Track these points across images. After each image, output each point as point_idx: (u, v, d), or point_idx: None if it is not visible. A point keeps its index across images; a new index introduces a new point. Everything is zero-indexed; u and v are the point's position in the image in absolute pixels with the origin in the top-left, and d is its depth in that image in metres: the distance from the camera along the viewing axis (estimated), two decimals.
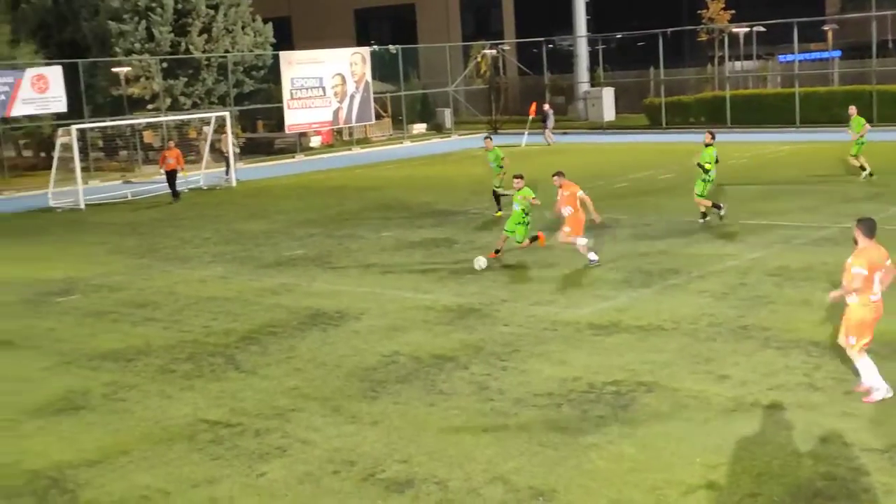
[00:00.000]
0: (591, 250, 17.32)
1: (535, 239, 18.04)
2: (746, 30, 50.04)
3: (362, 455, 9.44)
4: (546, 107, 45.81)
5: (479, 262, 17.58)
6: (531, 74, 55.93)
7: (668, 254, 18.07)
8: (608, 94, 51.53)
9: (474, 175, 32.92)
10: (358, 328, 14.22)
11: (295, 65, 43.52)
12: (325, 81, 44.25)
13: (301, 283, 17.42)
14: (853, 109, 26.89)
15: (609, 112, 51.18)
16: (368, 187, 31.43)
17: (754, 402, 10.28)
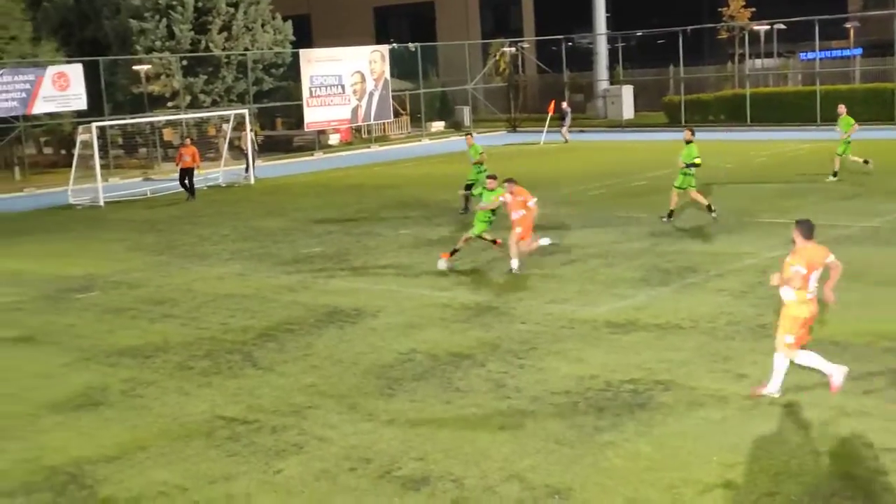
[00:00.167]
0: (540, 245, 17.47)
1: (493, 242, 17.92)
2: (767, 27, 49.83)
3: (378, 452, 9.45)
4: (564, 105, 45.74)
5: (441, 264, 17.53)
6: (550, 72, 55.85)
7: (687, 252, 18.01)
8: (627, 92, 51.40)
9: (492, 172, 32.89)
10: (375, 325, 14.24)
11: (314, 63, 43.59)
12: (345, 79, 44.31)
13: (318, 280, 17.45)
14: (842, 108, 26.96)
15: (628, 110, 51.06)
16: (387, 185, 31.45)
17: (772, 401, 10.23)
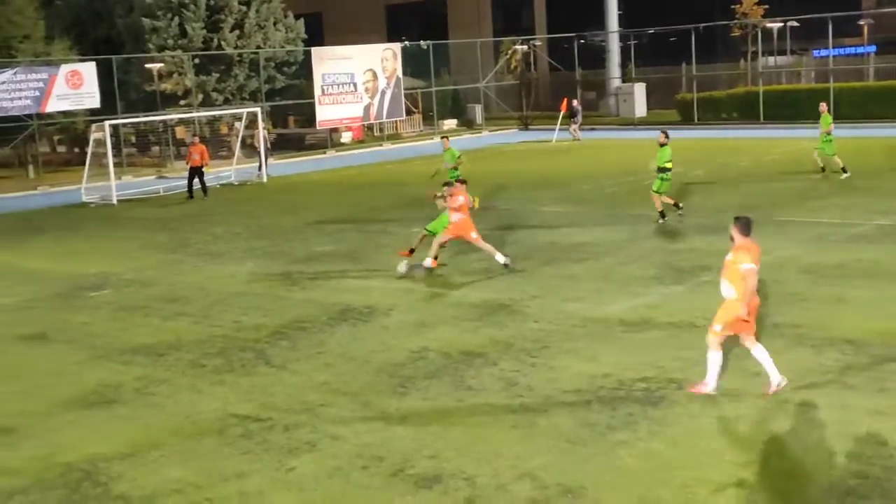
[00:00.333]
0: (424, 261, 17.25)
1: (442, 245, 17.79)
2: (780, 25, 49.68)
3: (391, 451, 9.45)
4: (575, 102, 45.65)
5: (400, 268, 17.43)
6: (562, 70, 55.78)
7: (700, 250, 17.95)
8: (640, 90, 51.32)
9: (505, 171, 32.92)
10: (387, 324, 14.24)
11: (326, 61, 43.64)
12: (356, 77, 44.35)
13: (331, 278, 17.46)
14: (823, 106, 27.08)
15: (640, 108, 50.97)
16: (399, 183, 31.46)
17: (786, 400, 10.19)
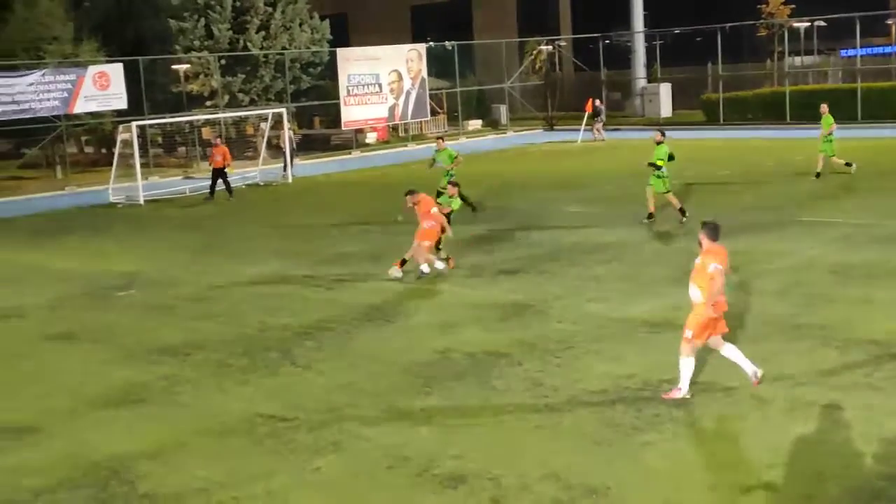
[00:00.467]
0: (434, 264, 17.37)
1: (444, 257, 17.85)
2: (807, 24, 49.34)
3: (416, 451, 9.48)
4: (597, 102, 45.51)
5: (440, 265, 17.49)
6: (587, 70, 55.64)
7: None
8: (665, 91, 51.12)
9: (530, 171, 32.91)
10: (412, 324, 14.28)
11: (352, 61, 43.73)
12: (382, 78, 44.40)
13: (356, 278, 17.50)
14: (824, 108, 27.08)
15: (666, 108, 50.79)
16: (423, 184, 31.42)
17: (812, 401, 10.15)
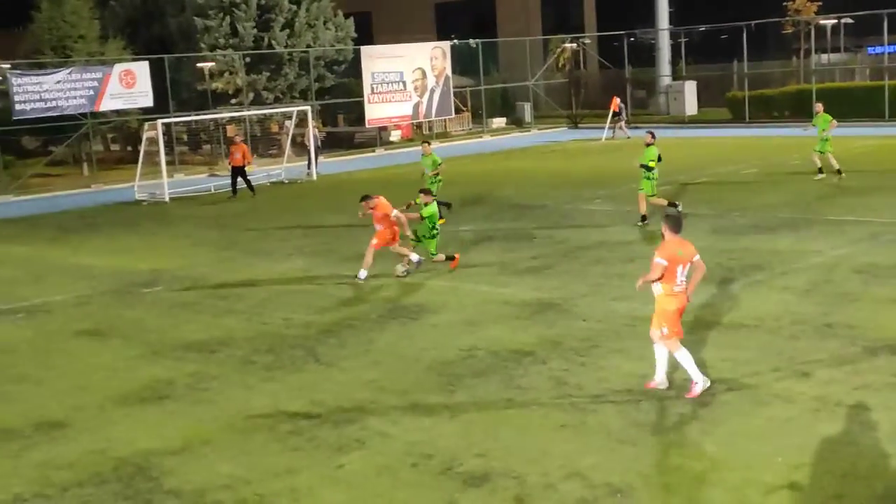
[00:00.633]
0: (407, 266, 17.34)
1: (450, 259, 17.73)
2: (834, 21, 49.07)
3: (440, 449, 9.48)
4: (618, 101, 45.34)
5: (413, 257, 17.46)
6: (612, 68, 55.48)
7: (751, 250, 17.80)
8: (690, 88, 50.90)
9: (554, 169, 32.86)
10: (436, 322, 14.28)
11: (376, 59, 43.76)
12: (406, 76, 44.42)
13: (380, 276, 17.51)
14: (819, 106, 27.02)
15: (691, 106, 50.55)
16: (447, 181, 31.39)
17: (839, 401, 10.08)
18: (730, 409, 10.10)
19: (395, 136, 47.71)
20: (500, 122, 53.08)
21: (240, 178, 30.50)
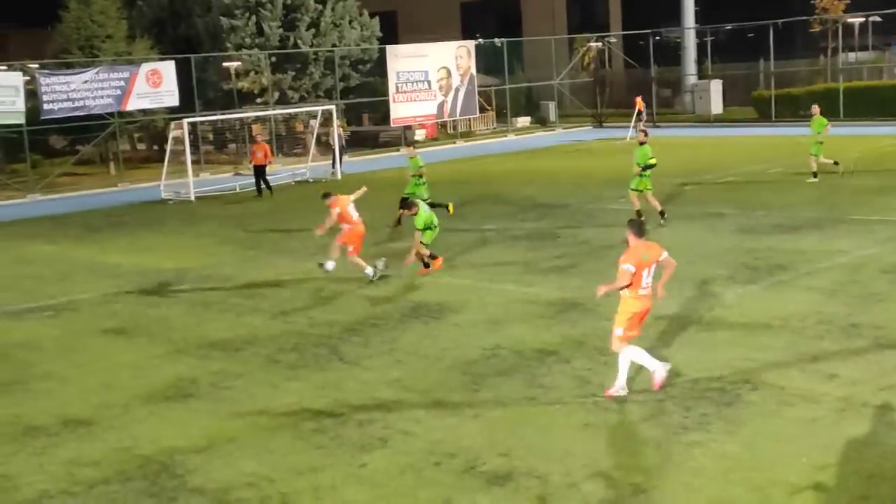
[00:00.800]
0: (376, 268, 17.26)
1: (433, 259, 17.55)
2: (861, 20, 48.67)
3: (463, 448, 9.48)
4: (638, 100, 45.18)
5: (379, 263, 17.45)
6: (637, 67, 55.28)
7: (776, 249, 17.70)
8: (716, 87, 50.62)
9: (579, 168, 32.78)
10: (459, 321, 14.28)
11: (401, 58, 43.82)
12: (431, 75, 44.46)
13: (403, 275, 17.52)
14: (816, 109, 27.06)
15: (717, 105, 50.28)
16: (472, 181, 31.49)
17: (864, 402, 10.01)
18: (754, 409, 10.05)
19: (419, 135, 47.74)
20: (524, 121, 53.04)
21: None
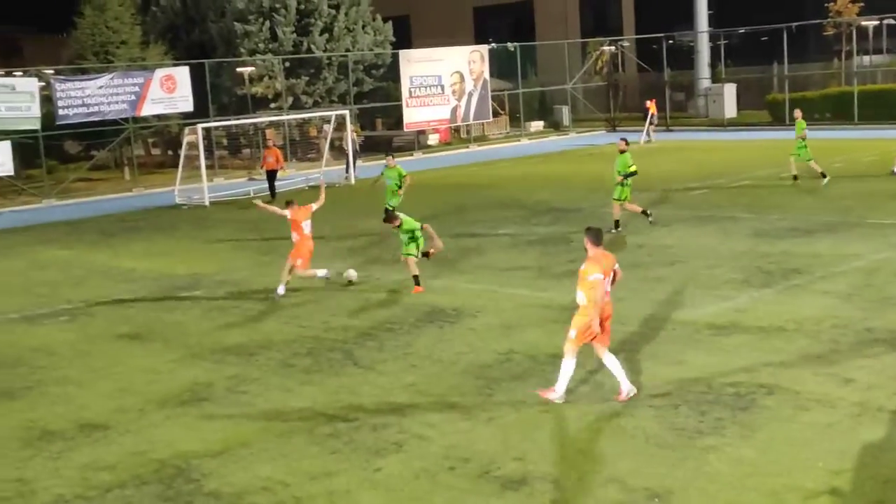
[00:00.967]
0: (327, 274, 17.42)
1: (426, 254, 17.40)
2: (876, 23, 48.48)
3: (477, 452, 9.49)
4: (647, 104, 45.16)
5: (349, 274, 17.57)
6: (650, 71, 55.21)
7: (790, 253, 17.66)
8: (730, 91, 50.51)
9: (592, 173, 32.71)
10: (474, 326, 14.28)
11: (414, 63, 43.89)
12: (444, 79, 44.52)
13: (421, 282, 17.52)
14: (798, 112, 27.33)
15: (730, 109, 50.15)
16: (485, 185, 31.49)
17: (880, 406, 9.98)
18: (769, 413, 10.03)
19: (433, 139, 47.80)
20: (537, 125, 53.04)
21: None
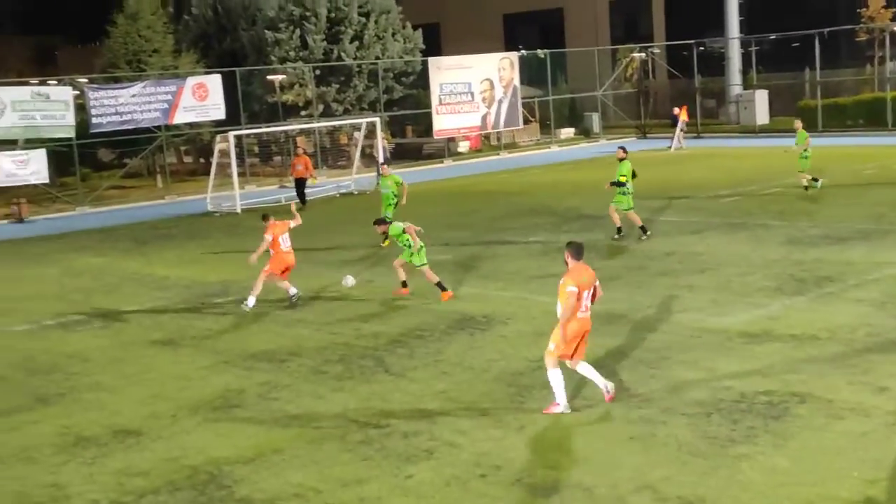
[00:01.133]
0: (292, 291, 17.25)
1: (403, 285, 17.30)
2: None
3: (509, 460, 9.48)
4: (675, 111, 44.99)
5: (347, 281, 17.52)
6: (681, 78, 54.96)
7: (823, 261, 17.53)
8: (761, 97, 50.20)
9: None
10: (505, 333, 14.28)
11: (444, 70, 43.97)
12: (474, 87, 44.56)
13: (449, 287, 17.54)
14: (798, 123, 27.33)
15: (762, 115, 49.84)
16: (516, 192, 31.48)
17: None
18: (803, 422, 9.96)
19: (463, 147, 47.82)
20: (568, 132, 52.95)
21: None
